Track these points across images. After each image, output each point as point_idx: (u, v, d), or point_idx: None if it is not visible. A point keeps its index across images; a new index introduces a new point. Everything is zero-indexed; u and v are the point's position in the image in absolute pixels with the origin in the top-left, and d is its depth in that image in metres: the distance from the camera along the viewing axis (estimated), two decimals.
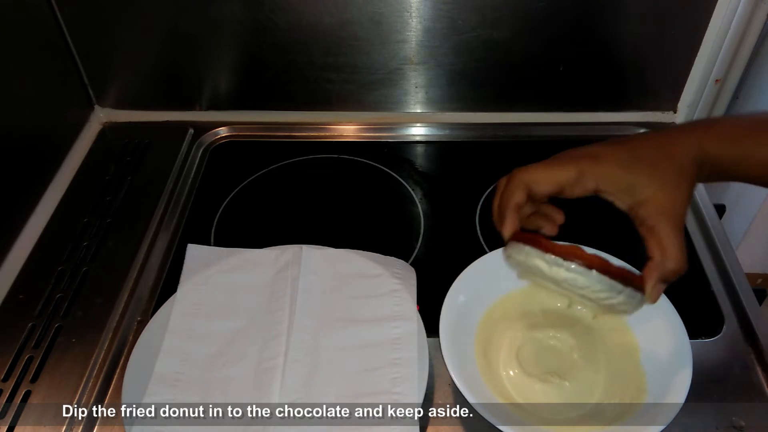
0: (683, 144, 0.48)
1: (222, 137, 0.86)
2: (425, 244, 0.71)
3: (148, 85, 0.86)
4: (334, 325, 0.58)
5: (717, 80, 0.88)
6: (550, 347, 0.57)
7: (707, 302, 0.64)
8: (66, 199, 0.76)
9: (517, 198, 0.49)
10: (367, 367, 0.56)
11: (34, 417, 0.55)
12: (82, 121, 0.85)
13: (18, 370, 0.58)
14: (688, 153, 0.47)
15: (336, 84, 0.84)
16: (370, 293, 0.62)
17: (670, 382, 0.51)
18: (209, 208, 0.76)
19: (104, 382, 0.58)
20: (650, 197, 0.46)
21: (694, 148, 0.48)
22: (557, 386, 0.54)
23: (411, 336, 0.57)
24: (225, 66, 0.83)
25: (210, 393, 0.54)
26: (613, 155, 0.48)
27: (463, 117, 0.87)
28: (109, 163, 0.81)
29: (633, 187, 0.47)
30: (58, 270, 0.67)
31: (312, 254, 0.65)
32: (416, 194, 0.77)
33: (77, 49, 0.81)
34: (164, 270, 0.68)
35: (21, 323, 0.62)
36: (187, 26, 0.79)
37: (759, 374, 0.58)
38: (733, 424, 0.54)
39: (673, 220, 0.46)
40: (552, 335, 0.58)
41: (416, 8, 0.76)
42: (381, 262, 0.65)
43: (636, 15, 0.77)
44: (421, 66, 0.82)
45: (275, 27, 0.78)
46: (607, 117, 0.86)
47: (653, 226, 0.46)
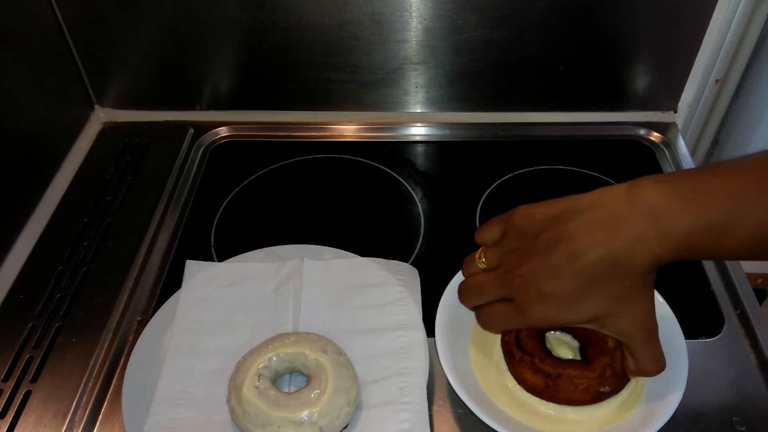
0: (637, 257, 0.42)
1: (222, 137, 0.86)
2: (425, 244, 0.71)
3: (148, 85, 0.86)
4: (339, 337, 0.57)
5: (717, 80, 0.88)
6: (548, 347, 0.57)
7: (707, 302, 0.64)
8: (66, 199, 0.76)
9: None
10: (375, 377, 0.55)
11: (34, 417, 0.55)
12: (82, 121, 0.85)
13: (18, 370, 0.58)
14: (645, 264, 0.42)
15: (336, 84, 0.84)
16: (374, 303, 0.61)
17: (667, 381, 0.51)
18: (209, 208, 0.76)
19: (104, 382, 0.58)
20: (615, 327, 0.46)
21: (649, 258, 0.42)
22: None
23: (418, 344, 0.57)
24: (225, 66, 0.83)
25: (214, 411, 0.54)
26: (571, 282, 0.44)
27: (463, 117, 0.87)
28: (109, 163, 0.81)
29: (595, 316, 0.46)
30: (58, 270, 0.67)
31: (313, 266, 0.64)
32: (416, 194, 0.77)
33: (77, 49, 0.81)
34: (164, 270, 0.68)
35: (21, 323, 0.62)
36: (187, 26, 0.79)
37: (759, 374, 0.57)
38: (733, 424, 0.54)
39: (642, 336, 0.46)
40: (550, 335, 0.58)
41: (416, 8, 0.76)
42: (384, 269, 0.64)
43: (636, 15, 0.77)
44: (421, 66, 0.82)
45: (275, 27, 0.78)
46: (607, 117, 0.86)
47: (627, 346, 0.48)
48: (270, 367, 0.53)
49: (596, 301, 0.45)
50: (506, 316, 0.49)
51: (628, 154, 0.83)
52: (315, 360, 0.52)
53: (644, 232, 0.41)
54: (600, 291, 0.44)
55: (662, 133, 0.84)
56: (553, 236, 0.45)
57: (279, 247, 0.67)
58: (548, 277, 0.45)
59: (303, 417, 0.49)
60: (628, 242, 0.42)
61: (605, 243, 0.43)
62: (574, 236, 0.44)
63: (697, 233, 0.40)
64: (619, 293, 0.44)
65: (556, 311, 0.46)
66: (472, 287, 0.51)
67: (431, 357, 0.56)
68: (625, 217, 0.42)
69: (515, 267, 0.47)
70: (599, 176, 0.79)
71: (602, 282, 0.44)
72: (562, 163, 0.81)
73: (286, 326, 0.60)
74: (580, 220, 0.44)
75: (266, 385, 0.51)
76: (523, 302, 0.47)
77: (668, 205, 0.41)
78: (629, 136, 0.85)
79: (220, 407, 0.54)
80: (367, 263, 0.65)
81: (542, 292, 0.45)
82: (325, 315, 0.61)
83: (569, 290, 0.44)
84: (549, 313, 0.46)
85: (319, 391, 0.50)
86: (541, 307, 0.46)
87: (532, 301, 0.46)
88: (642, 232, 0.41)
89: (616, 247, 0.42)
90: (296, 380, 0.56)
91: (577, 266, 0.43)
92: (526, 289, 0.46)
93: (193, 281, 0.64)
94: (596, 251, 0.43)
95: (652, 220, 0.41)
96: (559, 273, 0.44)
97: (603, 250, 0.43)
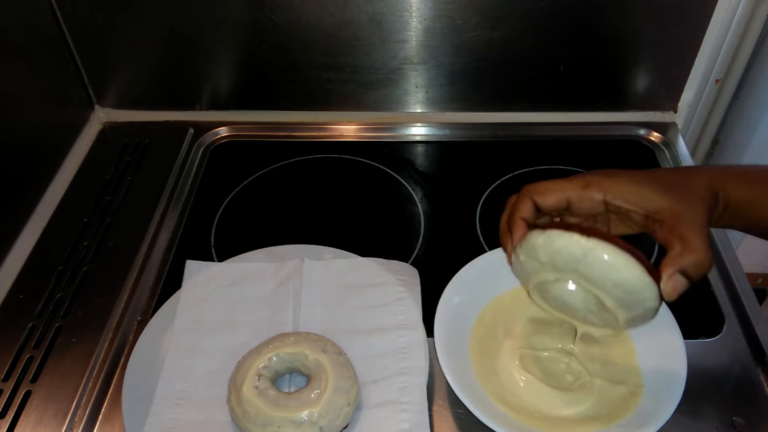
0: (699, 176, 0.47)
1: (222, 137, 0.86)
2: (425, 244, 0.71)
3: (148, 85, 0.86)
4: (339, 337, 0.57)
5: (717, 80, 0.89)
6: (547, 347, 0.57)
7: (707, 302, 0.64)
8: (66, 199, 0.76)
9: (524, 212, 0.48)
10: (375, 377, 0.55)
11: (34, 417, 0.55)
12: (82, 121, 0.85)
13: (18, 370, 0.58)
14: (704, 184, 0.46)
15: (336, 84, 0.84)
16: (374, 303, 0.61)
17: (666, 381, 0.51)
18: (209, 208, 0.76)
19: (104, 382, 0.58)
20: (666, 207, 0.44)
21: (709, 181, 0.46)
22: (553, 387, 0.54)
23: (418, 344, 0.57)
24: (225, 66, 0.83)
25: (214, 411, 0.54)
26: (626, 173, 0.47)
27: (463, 117, 0.87)
28: (109, 163, 0.81)
29: (646, 199, 0.45)
30: (58, 270, 0.67)
31: (313, 266, 0.64)
32: (416, 194, 0.77)
33: (77, 49, 0.81)
34: (164, 270, 0.68)
35: (21, 323, 0.62)
36: (187, 26, 0.79)
37: (759, 374, 0.58)
38: (733, 424, 0.54)
39: (694, 223, 0.43)
40: (549, 335, 0.58)
41: (416, 8, 0.76)
42: (384, 269, 0.64)
43: (636, 15, 0.77)
44: (421, 66, 0.82)
45: (275, 27, 0.78)
46: (607, 117, 0.86)
47: (673, 225, 0.43)
48: (270, 367, 0.53)
49: (653, 191, 0.46)
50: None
51: (628, 154, 0.83)
52: (315, 360, 0.53)
53: (703, 166, 0.55)
54: (659, 186, 0.46)
55: (662, 133, 0.84)
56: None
57: (279, 247, 0.67)
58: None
59: (303, 417, 0.49)
60: (690, 167, 0.55)
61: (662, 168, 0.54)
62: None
63: (736, 202, 0.47)
64: (678, 193, 0.45)
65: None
66: None
67: (431, 357, 0.56)
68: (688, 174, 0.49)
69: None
70: None
71: (664, 182, 0.46)
72: (562, 163, 0.81)
73: (286, 326, 0.60)
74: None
75: (266, 385, 0.51)
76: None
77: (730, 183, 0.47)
78: (629, 136, 0.85)
79: (220, 407, 0.54)
80: (367, 263, 0.65)
81: (601, 170, 0.48)
82: (325, 315, 0.61)
83: (636, 175, 0.47)
84: (608, 182, 0.47)
85: (319, 391, 0.50)
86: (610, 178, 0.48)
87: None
88: (701, 166, 0.55)
89: (676, 168, 0.55)
90: (296, 380, 0.56)
91: (639, 171, 0.48)
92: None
93: (193, 281, 0.64)
94: (656, 169, 0.54)
95: (709, 166, 0.53)
96: (623, 170, 0.48)
97: (663, 169, 0.57)
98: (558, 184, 0.48)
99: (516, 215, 0.48)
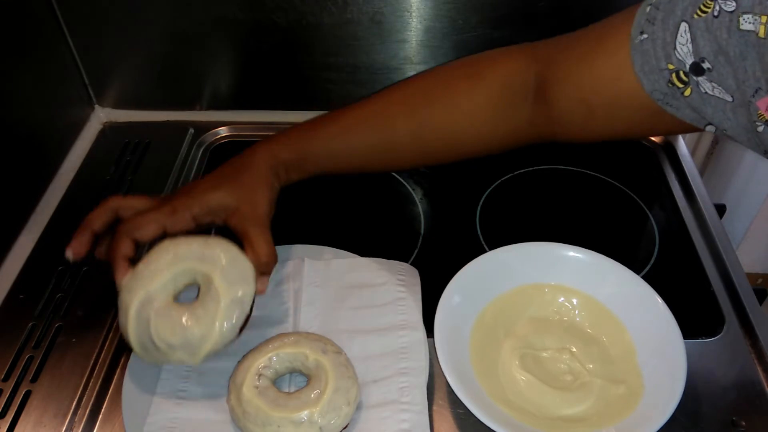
0: (258, 153, 0.59)
1: (222, 137, 0.86)
2: (425, 244, 0.71)
3: (148, 85, 0.86)
4: (339, 337, 0.57)
5: None
6: (547, 348, 0.57)
7: (707, 302, 0.64)
8: (66, 199, 0.76)
9: (125, 250, 0.53)
10: (375, 377, 0.55)
11: (34, 417, 0.55)
12: (82, 121, 0.85)
13: (18, 370, 0.58)
14: (263, 160, 0.58)
15: (336, 84, 0.84)
16: (374, 303, 0.61)
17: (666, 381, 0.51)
18: None
19: (104, 382, 0.58)
20: (236, 208, 0.55)
21: (267, 155, 0.59)
22: (553, 387, 0.54)
23: (418, 345, 0.57)
24: (225, 66, 0.83)
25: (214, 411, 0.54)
26: (204, 182, 0.57)
27: None
28: (109, 163, 0.81)
29: (221, 203, 0.55)
30: (58, 270, 0.67)
31: (313, 266, 0.64)
32: (416, 194, 0.77)
33: (77, 49, 0.81)
34: None
35: (21, 323, 0.62)
36: (187, 26, 0.79)
37: (759, 374, 0.58)
38: (733, 424, 0.54)
39: (256, 222, 0.55)
40: (549, 336, 0.58)
41: (416, 8, 0.76)
42: (384, 269, 0.64)
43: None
44: (421, 66, 0.82)
45: (275, 27, 0.78)
46: None
47: (243, 231, 0.54)
48: (270, 367, 0.53)
49: (225, 191, 0.56)
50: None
51: (628, 153, 0.83)
52: (315, 360, 0.53)
53: (268, 139, 0.61)
54: (229, 183, 0.56)
55: None
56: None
57: (279, 247, 0.66)
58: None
59: (303, 417, 0.49)
60: (258, 144, 0.60)
61: (244, 151, 0.60)
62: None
63: (291, 162, 0.60)
64: (242, 185, 0.56)
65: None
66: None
67: (431, 357, 0.56)
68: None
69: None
70: (599, 176, 0.79)
71: (232, 175, 0.57)
72: (562, 163, 0.81)
73: (286, 326, 0.60)
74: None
75: (266, 384, 0.51)
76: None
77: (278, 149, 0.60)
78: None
79: (220, 407, 0.54)
80: (367, 263, 0.65)
81: (188, 186, 0.57)
82: (325, 315, 0.61)
83: (213, 179, 0.57)
84: (190, 201, 0.55)
85: (319, 391, 0.50)
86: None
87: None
88: (267, 139, 0.61)
89: (249, 149, 0.60)
90: (296, 380, 0.56)
91: (222, 166, 0.59)
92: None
93: None
94: (238, 156, 0.59)
95: (272, 136, 0.62)
96: (209, 174, 0.59)
97: (241, 153, 0.60)
98: (149, 216, 0.54)
99: (117, 256, 0.53)
